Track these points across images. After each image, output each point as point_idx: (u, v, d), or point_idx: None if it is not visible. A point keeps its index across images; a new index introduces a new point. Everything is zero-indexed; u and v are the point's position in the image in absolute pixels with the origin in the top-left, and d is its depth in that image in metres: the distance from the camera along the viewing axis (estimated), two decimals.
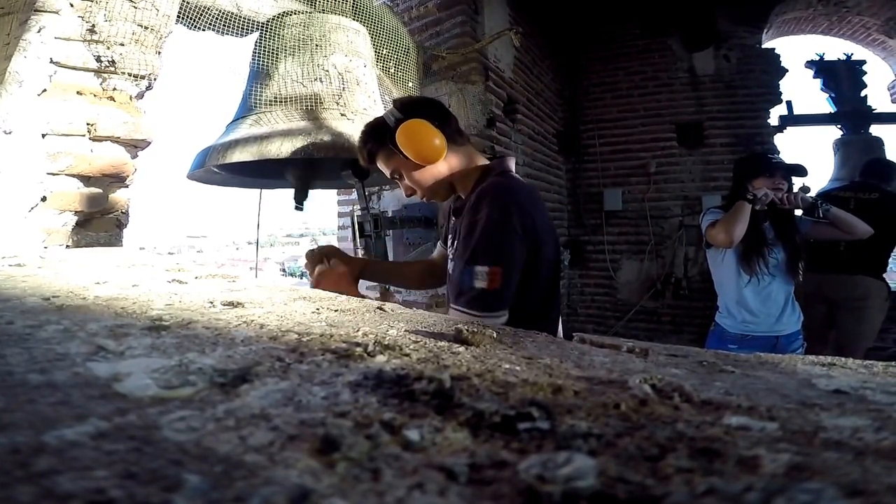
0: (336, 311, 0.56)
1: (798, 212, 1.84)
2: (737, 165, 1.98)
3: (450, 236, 1.10)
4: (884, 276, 2.44)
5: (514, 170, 1.06)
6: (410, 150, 0.96)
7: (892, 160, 2.79)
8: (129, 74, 1.07)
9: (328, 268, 1.10)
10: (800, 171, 1.80)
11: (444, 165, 1.01)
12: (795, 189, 1.82)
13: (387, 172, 1.05)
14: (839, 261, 2.35)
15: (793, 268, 1.79)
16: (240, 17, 1.42)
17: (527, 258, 0.92)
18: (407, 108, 0.99)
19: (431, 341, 0.43)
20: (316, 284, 1.07)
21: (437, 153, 0.97)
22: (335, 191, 2.96)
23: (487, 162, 1.07)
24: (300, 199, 1.48)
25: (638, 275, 3.54)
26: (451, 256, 1.06)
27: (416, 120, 0.96)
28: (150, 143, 1.12)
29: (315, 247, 1.21)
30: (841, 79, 3.64)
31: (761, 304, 1.79)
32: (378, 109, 1.52)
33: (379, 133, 1.00)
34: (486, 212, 0.90)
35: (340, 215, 2.98)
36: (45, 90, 0.95)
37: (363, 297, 1.13)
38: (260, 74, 1.40)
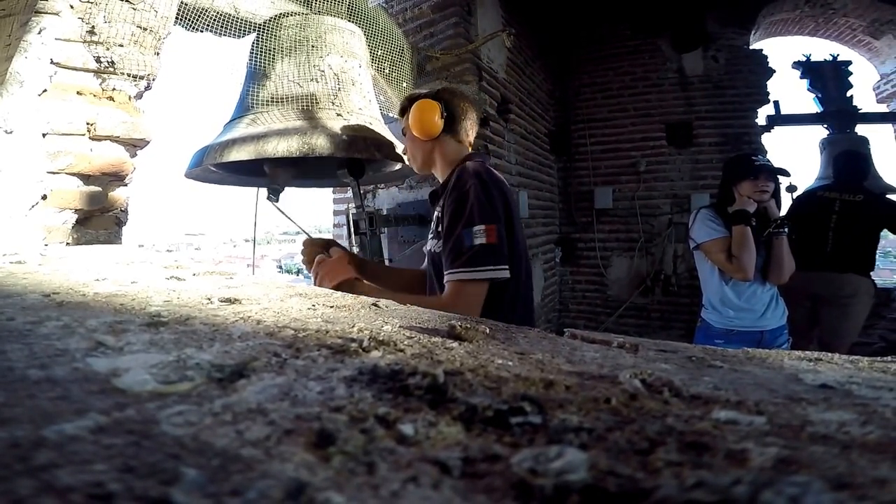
0: (332, 307, 0.56)
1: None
2: (723, 168, 1.97)
3: (432, 224, 1.21)
4: (870, 273, 2.45)
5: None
6: (411, 118, 1.17)
7: (863, 154, 2.81)
8: (129, 75, 1.07)
9: (327, 256, 1.20)
10: (783, 171, 1.81)
11: (431, 145, 1.20)
12: (785, 186, 1.81)
13: (403, 127, 1.26)
14: (827, 259, 2.37)
15: None
16: (237, 18, 1.42)
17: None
18: (439, 93, 1.21)
19: (425, 337, 0.44)
20: (315, 272, 1.17)
21: (425, 131, 1.16)
22: (330, 189, 2.96)
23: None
24: (276, 193, 1.48)
25: (628, 272, 3.56)
26: (430, 236, 1.18)
27: (429, 101, 1.17)
28: (148, 143, 1.13)
29: (314, 237, 1.25)
30: (827, 79, 3.65)
31: (745, 301, 1.80)
32: (373, 109, 1.52)
33: (415, 98, 1.21)
34: (473, 182, 1.02)
35: (336, 213, 2.98)
36: (45, 90, 0.96)
37: (360, 280, 1.15)
38: (257, 75, 1.40)
